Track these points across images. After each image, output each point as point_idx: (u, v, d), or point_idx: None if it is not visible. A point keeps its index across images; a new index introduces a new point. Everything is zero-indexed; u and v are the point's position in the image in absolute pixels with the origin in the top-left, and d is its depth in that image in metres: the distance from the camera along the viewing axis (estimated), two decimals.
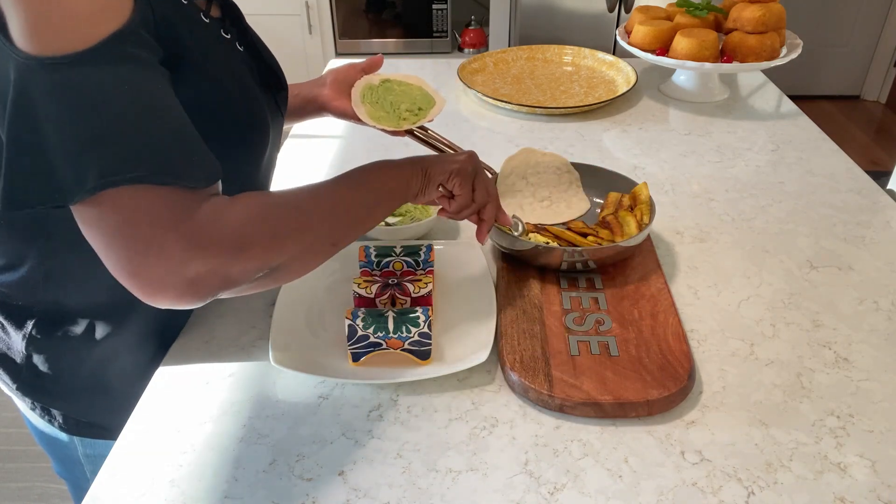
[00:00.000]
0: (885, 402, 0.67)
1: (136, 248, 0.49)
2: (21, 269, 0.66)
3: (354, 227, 0.64)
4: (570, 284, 0.81)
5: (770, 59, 1.28)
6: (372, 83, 0.88)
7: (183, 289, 0.51)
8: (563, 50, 1.56)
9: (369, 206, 0.66)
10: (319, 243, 0.60)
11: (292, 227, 0.57)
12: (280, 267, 0.57)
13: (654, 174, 1.10)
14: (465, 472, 0.61)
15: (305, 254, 0.59)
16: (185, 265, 0.50)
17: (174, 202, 0.50)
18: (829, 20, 3.47)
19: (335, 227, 0.62)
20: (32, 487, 1.69)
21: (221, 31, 0.65)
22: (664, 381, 0.66)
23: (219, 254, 0.51)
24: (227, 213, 0.53)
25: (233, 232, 0.53)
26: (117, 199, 0.48)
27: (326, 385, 0.70)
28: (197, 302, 0.52)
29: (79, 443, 0.79)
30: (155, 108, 0.50)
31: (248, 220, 0.54)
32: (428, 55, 3.03)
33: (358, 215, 0.64)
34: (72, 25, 0.46)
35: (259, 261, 0.54)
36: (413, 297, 0.73)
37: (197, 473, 0.61)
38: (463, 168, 0.72)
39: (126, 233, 0.49)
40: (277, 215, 0.57)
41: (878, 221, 0.97)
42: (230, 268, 0.52)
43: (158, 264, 0.49)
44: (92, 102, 0.47)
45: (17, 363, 0.72)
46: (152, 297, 0.51)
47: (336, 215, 0.62)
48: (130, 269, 0.50)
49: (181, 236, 0.50)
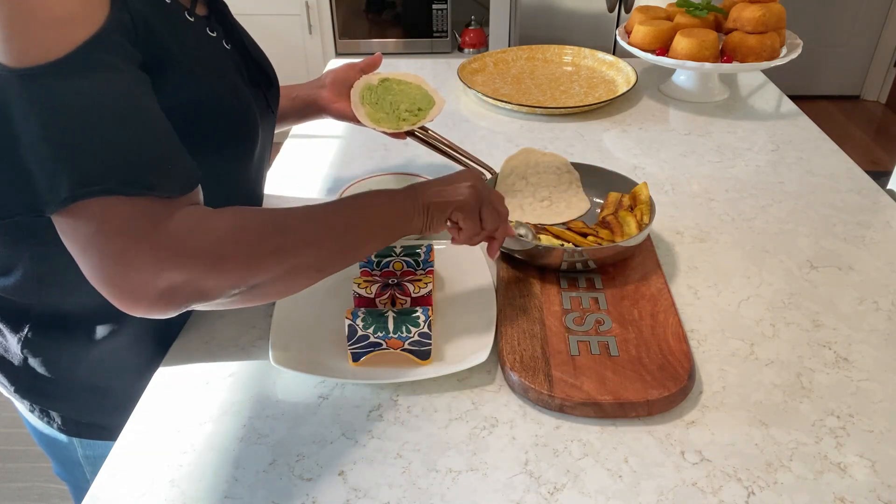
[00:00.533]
0: (885, 402, 0.67)
1: (108, 258, 0.49)
2: (15, 273, 0.66)
3: (343, 257, 0.62)
4: (570, 284, 0.81)
5: (770, 59, 1.28)
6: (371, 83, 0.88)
7: (154, 299, 0.50)
8: (563, 50, 1.56)
9: (361, 238, 0.63)
10: (303, 267, 0.58)
11: (273, 248, 0.55)
12: (260, 286, 0.56)
13: (654, 174, 1.10)
14: (465, 472, 0.61)
15: (287, 276, 0.57)
16: (156, 276, 0.50)
17: (147, 212, 0.50)
18: (829, 20, 3.47)
19: (321, 254, 0.59)
20: (32, 487, 1.69)
21: (207, 30, 0.64)
22: (664, 381, 0.66)
23: (192, 266, 0.51)
24: (205, 225, 0.53)
25: (208, 245, 0.52)
26: (90, 209, 0.49)
27: (326, 385, 0.70)
28: (170, 312, 0.52)
29: (78, 444, 0.79)
30: (128, 116, 0.50)
31: (225, 234, 0.53)
32: (428, 55, 3.03)
33: (347, 244, 0.62)
34: (44, 35, 0.46)
35: (234, 277, 0.53)
36: (413, 297, 0.73)
37: (197, 473, 0.61)
38: (465, 203, 0.68)
39: (99, 243, 0.49)
40: (258, 233, 0.55)
41: (878, 221, 0.97)
42: (204, 281, 0.52)
43: (130, 274, 0.49)
44: (64, 113, 0.47)
45: (14, 365, 0.72)
46: (126, 305, 0.51)
47: (323, 242, 0.59)
48: (104, 278, 0.50)
49: (153, 246, 0.50)
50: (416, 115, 0.85)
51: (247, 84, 0.69)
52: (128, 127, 0.50)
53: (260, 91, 0.73)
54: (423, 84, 0.89)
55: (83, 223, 0.49)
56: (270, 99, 0.76)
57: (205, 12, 0.65)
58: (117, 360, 0.74)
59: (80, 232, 0.50)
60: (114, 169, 0.49)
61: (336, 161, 1.16)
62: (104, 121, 0.49)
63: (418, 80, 0.90)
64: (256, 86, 0.72)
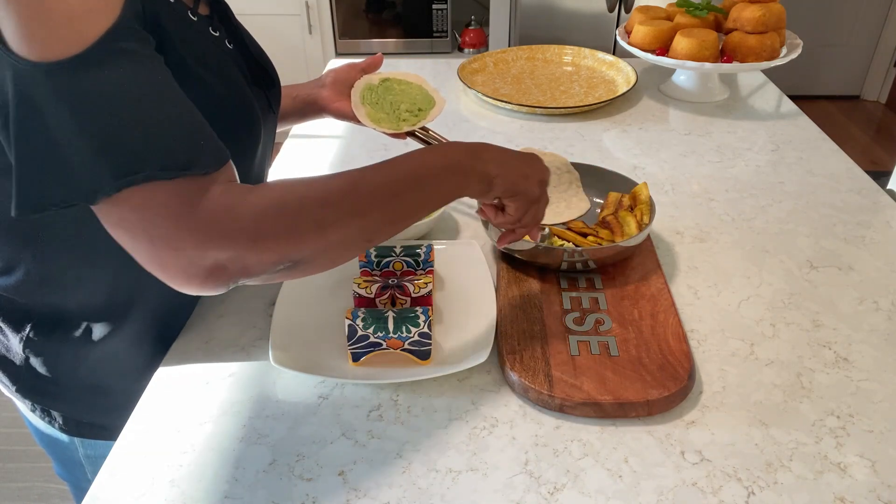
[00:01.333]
0: (885, 402, 0.67)
1: (156, 243, 0.50)
2: (17, 272, 0.66)
3: (392, 226, 0.60)
4: (570, 284, 0.81)
5: (770, 59, 1.28)
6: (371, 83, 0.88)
7: (204, 277, 0.51)
8: (563, 50, 1.56)
9: (412, 205, 0.60)
10: (350, 239, 0.57)
11: (313, 222, 0.54)
12: (305, 259, 0.55)
13: (654, 174, 1.10)
14: (465, 472, 0.61)
15: (332, 249, 0.56)
16: (202, 256, 0.51)
17: (186, 193, 0.51)
18: (829, 20, 3.47)
19: (368, 224, 0.57)
20: (32, 487, 1.70)
21: (210, 29, 0.64)
22: (664, 381, 0.66)
23: (233, 245, 0.51)
24: (242, 204, 0.52)
25: (246, 223, 0.52)
26: (133, 198, 0.49)
27: (326, 385, 0.70)
28: (221, 288, 0.53)
29: (79, 444, 0.79)
30: (157, 100, 0.51)
31: (262, 211, 0.53)
32: (428, 55, 3.03)
33: (397, 213, 0.59)
34: (66, 28, 0.46)
35: (276, 254, 0.53)
36: (413, 297, 0.73)
37: (197, 473, 0.61)
38: (529, 193, 0.66)
39: (146, 229, 0.50)
40: (297, 208, 0.54)
41: (878, 221, 0.97)
42: (246, 258, 0.52)
43: (179, 256, 0.51)
44: (96, 106, 0.48)
45: (16, 365, 0.72)
46: (180, 286, 0.52)
47: (369, 212, 0.57)
48: (157, 262, 0.51)
49: (195, 228, 0.51)
50: (416, 116, 0.85)
51: (249, 84, 0.69)
52: (158, 112, 0.50)
53: (261, 91, 0.73)
54: (424, 84, 0.89)
55: (128, 211, 0.50)
56: (272, 98, 0.75)
57: (207, 12, 0.65)
58: (118, 360, 0.74)
59: (128, 221, 0.50)
60: (151, 155, 0.49)
61: (336, 161, 1.16)
62: (135, 109, 0.49)
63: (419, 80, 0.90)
64: (258, 85, 0.72)
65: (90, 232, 0.64)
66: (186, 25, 0.60)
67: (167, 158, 0.50)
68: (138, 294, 0.71)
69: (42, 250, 0.65)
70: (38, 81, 0.46)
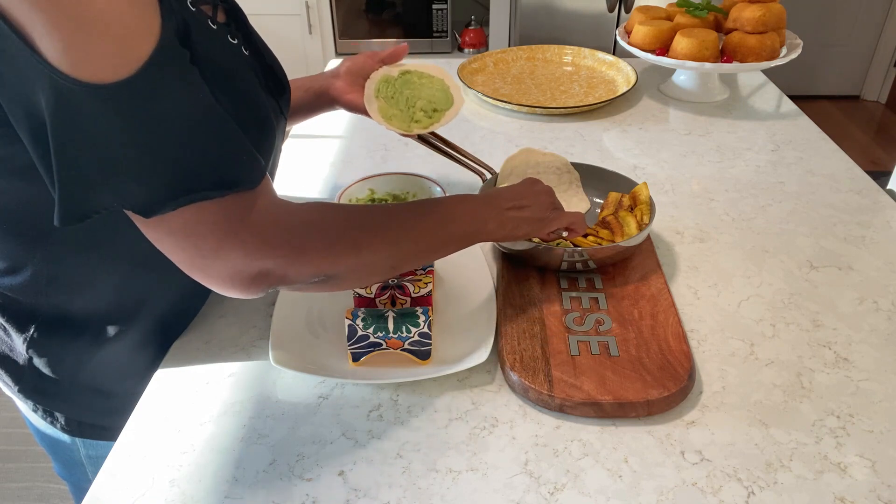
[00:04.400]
0: (885, 402, 0.67)
1: (204, 253, 0.53)
2: (24, 272, 0.66)
3: (418, 259, 0.67)
4: (570, 284, 0.81)
5: (770, 59, 1.28)
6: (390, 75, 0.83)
7: (247, 285, 0.55)
8: (563, 50, 1.56)
9: (438, 243, 0.67)
10: (379, 264, 0.63)
11: (351, 243, 0.60)
12: (337, 276, 0.60)
13: (654, 174, 1.10)
14: (465, 472, 0.61)
15: (362, 269, 0.62)
16: (247, 266, 0.54)
17: (234, 209, 0.54)
18: (829, 20, 3.47)
19: (397, 254, 0.63)
20: (32, 487, 1.70)
21: (229, 37, 0.64)
22: (664, 381, 0.66)
23: (277, 256, 0.55)
24: (287, 219, 0.57)
25: (291, 237, 0.56)
26: (183, 214, 0.52)
27: (326, 385, 0.70)
28: (259, 294, 0.57)
29: (81, 444, 0.79)
30: (204, 119, 0.52)
31: (306, 227, 0.57)
32: (428, 55, 3.03)
33: (423, 248, 0.66)
34: (112, 51, 0.46)
35: (314, 267, 0.58)
36: (413, 297, 0.73)
37: (197, 473, 0.61)
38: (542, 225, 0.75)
39: (196, 243, 0.53)
40: (338, 228, 0.59)
41: (878, 221, 0.97)
42: (287, 269, 0.56)
43: (224, 266, 0.54)
44: (148, 128, 0.49)
45: (19, 365, 0.72)
46: (220, 290, 0.56)
47: (400, 243, 0.63)
48: (200, 270, 0.54)
49: (242, 241, 0.54)
50: (430, 118, 0.81)
51: (263, 91, 0.68)
52: (207, 131, 0.52)
53: (274, 98, 0.72)
54: (447, 80, 0.84)
55: (178, 226, 0.52)
56: (282, 105, 0.75)
57: (224, 19, 0.64)
58: (122, 362, 0.74)
59: (176, 233, 0.53)
60: (204, 175, 0.52)
61: (336, 161, 1.16)
62: (186, 130, 0.51)
63: (442, 73, 0.84)
64: (270, 92, 0.71)
65: (102, 235, 0.64)
66: (210, 35, 0.59)
67: (218, 177, 0.52)
68: (146, 298, 0.71)
69: (52, 252, 0.64)
70: (86, 100, 0.46)
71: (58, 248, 0.64)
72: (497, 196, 0.73)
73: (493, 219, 0.71)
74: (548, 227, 0.76)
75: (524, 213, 0.73)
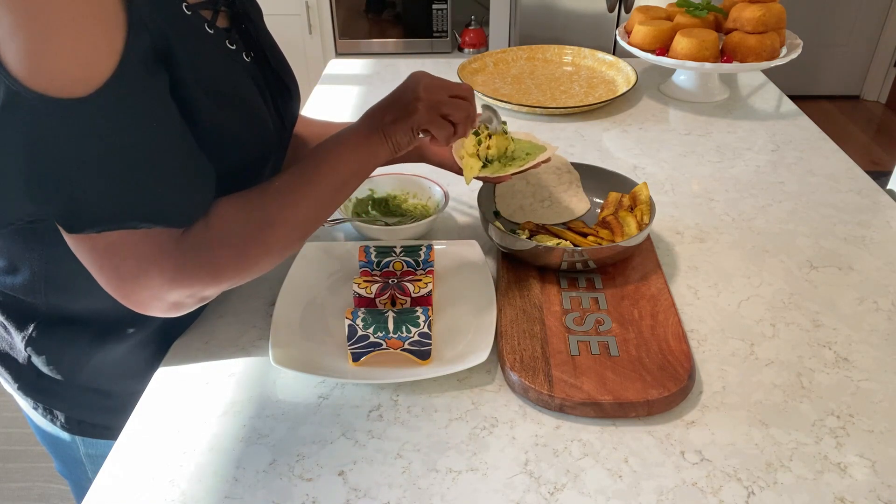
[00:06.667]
0: (885, 402, 0.67)
1: (123, 277, 0.55)
2: (24, 272, 0.66)
3: (322, 217, 0.66)
4: (570, 284, 0.81)
5: (770, 59, 1.28)
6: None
7: (166, 309, 0.58)
8: (563, 50, 1.56)
9: (335, 193, 0.66)
10: (289, 244, 0.64)
11: (260, 246, 0.61)
12: (253, 273, 0.62)
13: (654, 174, 1.10)
14: (465, 472, 0.61)
15: (275, 254, 0.63)
16: (166, 293, 0.57)
17: (157, 240, 0.55)
18: (829, 20, 3.47)
19: (304, 227, 0.64)
20: (32, 487, 1.70)
21: (227, 42, 0.63)
22: (664, 381, 0.66)
23: (195, 283, 0.58)
24: (201, 244, 0.58)
25: (206, 262, 0.58)
26: (109, 237, 0.53)
27: (326, 385, 0.70)
28: (178, 314, 0.61)
29: (81, 442, 0.79)
30: (154, 151, 0.53)
31: (217, 246, 0.58)
32: (428, 55, 3.03)
33: (324, 206, 0.66)
34: (71, 68, 0.47)
35: (230, 280, 0.60)
36: (413, 297, 0.73)
37: (197, 473, 0.61)
38: (422, 114, 0.67)
39: (116, 266, 0.55)
40: (244, 236, 0.60)
41: (878, 221, 0.97)
42: (205, 291, 0.59)
43: (143, 291, 0.56)
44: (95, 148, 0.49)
45: (19, 363, 0.72)
46: (140, 311, 0.58)
47: (302, 216, 0.63)
48: (119, 292, 0.56)
49: (163, 270, 0.55)
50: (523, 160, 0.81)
51: (264, 97, 0.67)
52: (152, 164, 0.53)
53: (276, 105, 0.71)
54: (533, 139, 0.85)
55: (101, 247, 0.54)
56: (285, 114, 0.73)
57: (226, 24, 0.64)
58: (121, 363, 0.74)
59: (97, 254, 0.54)
60: (138, 206, 0.53)
61: None
62: (131, 159, 0.51)
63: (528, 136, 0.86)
64: (274, 99, 0.70)
65: None
66: (200, 41, 0.59)
67: (151, 211, 0.53)
68: None
69: (49, 253, 0.64)
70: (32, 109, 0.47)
71: (55, 251, 0.64)
72: (374, 115, 0.68)
73: (379, 142, 0.67)
74: (435, 121, 0.68)
75: (408, 118, 0.68)
